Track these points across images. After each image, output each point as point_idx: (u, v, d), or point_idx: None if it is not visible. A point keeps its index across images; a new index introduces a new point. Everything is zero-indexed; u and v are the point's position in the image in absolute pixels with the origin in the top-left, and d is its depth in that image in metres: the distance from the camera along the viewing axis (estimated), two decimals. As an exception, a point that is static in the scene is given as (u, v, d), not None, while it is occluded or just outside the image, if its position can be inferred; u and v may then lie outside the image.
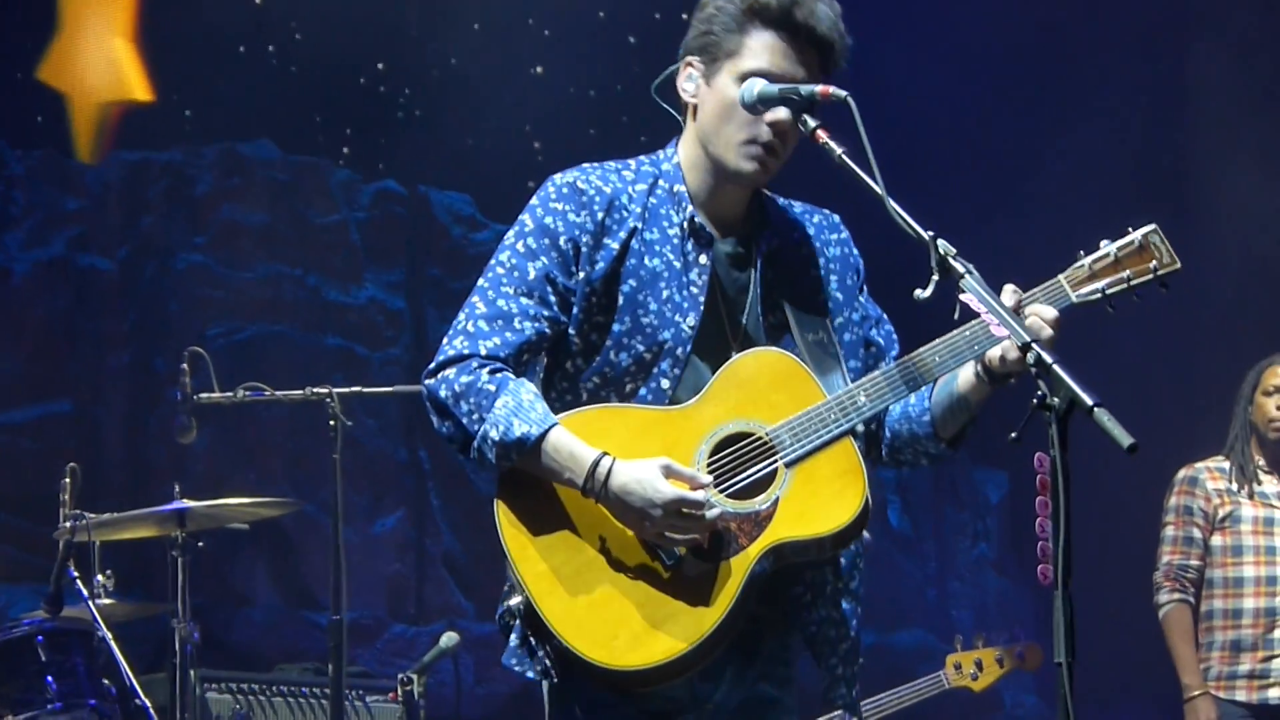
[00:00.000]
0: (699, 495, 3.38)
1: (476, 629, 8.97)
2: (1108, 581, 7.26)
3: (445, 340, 3.55)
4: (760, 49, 3.55)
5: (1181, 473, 6.92)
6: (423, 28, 9.08)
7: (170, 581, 6.23)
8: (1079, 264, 3.61)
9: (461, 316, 3.56)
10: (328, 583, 6.16)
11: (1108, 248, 3.62)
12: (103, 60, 8.49)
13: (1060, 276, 3.59)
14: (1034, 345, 3.05)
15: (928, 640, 9.48)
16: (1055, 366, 2.98)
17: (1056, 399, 2.94)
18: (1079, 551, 2.91)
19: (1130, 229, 3.65)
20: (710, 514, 3.39)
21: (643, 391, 3.53)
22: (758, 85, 3.51)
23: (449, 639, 6.76)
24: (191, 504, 6.22)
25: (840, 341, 3.65)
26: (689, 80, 3.65)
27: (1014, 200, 9.20)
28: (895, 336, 3.80)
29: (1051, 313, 3.50)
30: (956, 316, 3.48)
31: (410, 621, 9.12)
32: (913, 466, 3.83)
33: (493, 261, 3.60)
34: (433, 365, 3.54)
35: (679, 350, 3.53)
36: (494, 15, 9.14)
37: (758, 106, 3.53)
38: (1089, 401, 2.89)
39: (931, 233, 3.27)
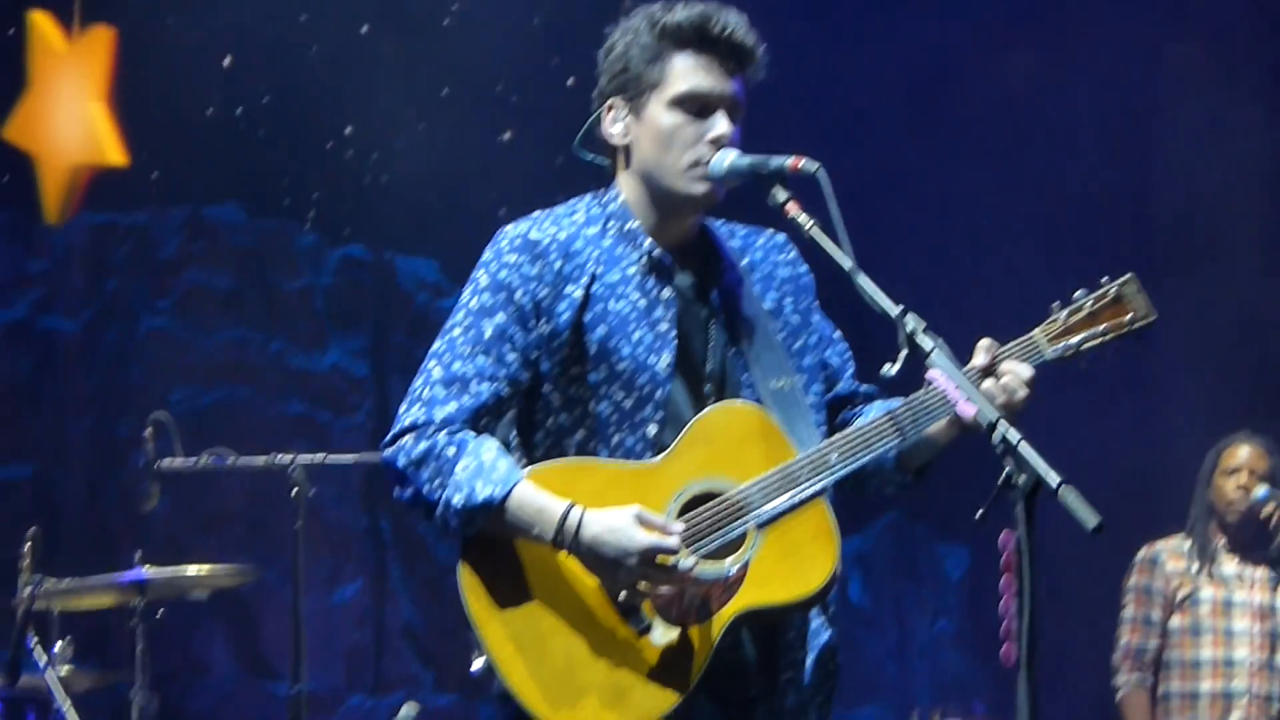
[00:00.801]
0: (672, 542, 3.33)
1: (435, 700, 8.90)
2: (1067, 661, 7.25)
3: (402, 408, 3.51)
4: (683, 71, 3.55)
5: (1141, 553, 6.92)
6: (391, 93, 9.07)
7: (128, 650, 6.18)
8: (1053, 318, 3.55)
9: (418, 383, 3.51)
10: (286, 652, 6.11)
11: (1082, 300, 3.56)
12: (75, 122, 8.41)
13: (1035, 331, 3.54)
14: (999, 424, 3.02)
15: (885, 717, 9.44)
16: (1020, 446, 2.95)
17: (1022, 478, 2.93)
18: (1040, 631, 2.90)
19: (1105, 279, 3.58)
20: (684, 564, 3.34)
21: (630, 442, 3.47)
22: (728, 157, 3.50)
23: (409, 709, 6.72)
24: (151, 574, 6.17)
25: (802, 367, 3.62)
26: (615, 123, 3.64)
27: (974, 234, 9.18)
28: (850, 355, 3.76)
29: (1027, 371, 3.47)
30: (924, 391, 3.46)
31: (369, 692, 9.04)
32: (878, 494, 3.76)
33: (449, 323, 3.56)
34: (390, 435, 3.50)
35: (658, 394, 3.48)
36: (462, 81, 9.15)
37: (726, 180, 3.52)
38: (1054, 481, 2.88)
39: (901, 307, 3.24)
